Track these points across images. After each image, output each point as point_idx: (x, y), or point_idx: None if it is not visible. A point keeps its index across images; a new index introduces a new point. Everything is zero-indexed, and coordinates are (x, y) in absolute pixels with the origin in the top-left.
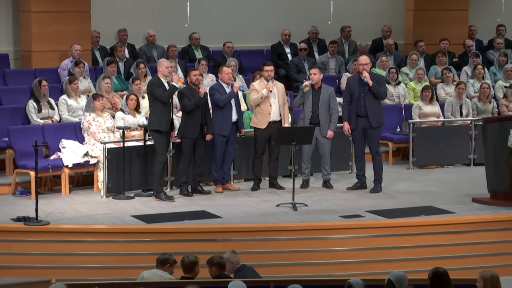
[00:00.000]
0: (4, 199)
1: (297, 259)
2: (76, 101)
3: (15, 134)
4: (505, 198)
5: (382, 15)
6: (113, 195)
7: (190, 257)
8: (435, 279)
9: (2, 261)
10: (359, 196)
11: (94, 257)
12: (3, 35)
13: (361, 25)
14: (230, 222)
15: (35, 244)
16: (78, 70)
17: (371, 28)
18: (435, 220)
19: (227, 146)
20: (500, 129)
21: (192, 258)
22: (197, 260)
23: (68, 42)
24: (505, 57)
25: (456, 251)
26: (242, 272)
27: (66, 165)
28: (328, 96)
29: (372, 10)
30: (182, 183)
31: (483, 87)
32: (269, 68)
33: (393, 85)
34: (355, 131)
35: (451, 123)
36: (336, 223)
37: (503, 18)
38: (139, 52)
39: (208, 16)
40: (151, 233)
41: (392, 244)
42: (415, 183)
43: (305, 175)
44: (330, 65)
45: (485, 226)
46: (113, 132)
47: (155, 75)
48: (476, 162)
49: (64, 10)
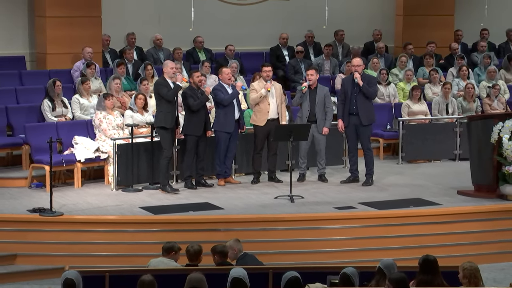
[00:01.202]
0: (21, 192)
1: (294, 247)
2: (88, 100)
3: (31, 131)
4: (488, 191)
5: (373, 20)
6: (122, 188)
7: (195, 246)
8: (425, 265)
9: (19, 250)
10: (352, 189)
11: (104, 245)
12: (19, 38)
13: (354, 29)
14: (231, 213)
15: (49, 233)
16: (90, 71)
17: (363, 32)
18: (423, 211)
19: (229, 142)
20: (483, 127)
21: (196, 247)
22: (201, 249)
23: (80, 45)
24: (488, 59)
25: (442, 240)
26: (243, 260)
27: (79, 160)
28: (324, 95)
29: (364, 15)
30: (186, 176)
31: (467, 87)
32: (268, 69)
33: (384, 85)
34: (348, 128)
35: (437, 121)
36: (331, 214)
37: (486, 23)
38: (147, 54)
39: (211, 21)
40: (158, 223)
41: (383, 234)
42: (404, 176)
43: (301, 169)
44: (325, 66)
45: (469, 217)
46: (123, 129)
47: (161, 76)
48: (461, 157)
49: (76, 15)
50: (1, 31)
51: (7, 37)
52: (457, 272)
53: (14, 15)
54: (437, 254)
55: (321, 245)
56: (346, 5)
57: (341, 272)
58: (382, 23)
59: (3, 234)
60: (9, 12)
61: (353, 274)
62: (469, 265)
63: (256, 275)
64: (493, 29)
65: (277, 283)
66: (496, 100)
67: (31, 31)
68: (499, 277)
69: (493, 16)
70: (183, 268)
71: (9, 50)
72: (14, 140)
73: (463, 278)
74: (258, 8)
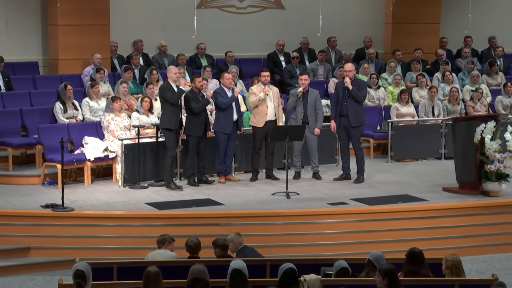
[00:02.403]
0: (34, 189)
1: (290, 241)
2: (97, 103)
3: (44, 131)
4: (471, 188)
5: (364, 28)
6: (129, 185)
7: (194, 240)
8: (412, 257)
9: (32, 243)
10: (344, 186)
11: (112, 239)
12: (33, 45)
13: (346, 37)
14: (231, 208)
15: (61, 228)
16: (99, 76)
17: (354, 39)
18: (410, 207)
19: (228, 142)
20: (467, 128)
21: (195, 240)
22: (199, 241)
23: (90, 52)
24: (471, 65)
25: (428, 234)
26: (243, 253)
27: (88, 159)
28: (315, 98)
29: (356, 23)
30: (189, 174)
31: (452, 91)
32: (266, 74)
33: (374, 89)
34: (339, 129)
35: (424, 122)
36: (324, 209)
37: (469, 30)
38: (152, 60)
39: (212, 29)
40: (162, 218)
41: (373, 228)
42: (393, 174)
43: (296, 167)
44: (319, 71)
45: (454, 212)
46: (129, 130)
47: (165, 80)
48: (447, 156)
49: (86, 23)
50: (16, 38)
51: (21, 44)
52: (441, 264)
53: (28, 24)
54: (423, 247)
55: (315, 238)
56: (339, 14)
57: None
58: (373, 30)
59: (17, 228)
60: (24, 21)
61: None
62: (451, 257)
63: (255, 267)
64: (476, 36)
65: (274, 274)
66: (479, 103)
67: (44, 38)
68: (482, 268)
69: (476, 24)
70: (186, 260)
71: (24, 56)
72: (28, 140)
73: (445, 269)
74: (256, 17)
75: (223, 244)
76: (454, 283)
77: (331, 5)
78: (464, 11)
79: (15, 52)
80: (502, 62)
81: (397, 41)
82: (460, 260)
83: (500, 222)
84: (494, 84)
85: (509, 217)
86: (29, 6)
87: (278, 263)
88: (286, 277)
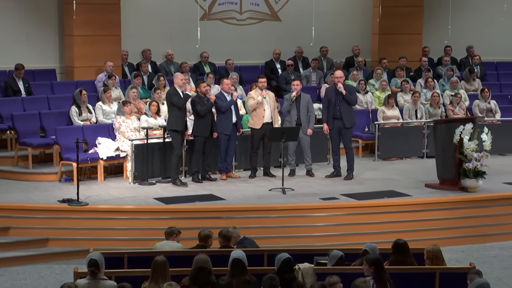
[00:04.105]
0: (52, 185)
1: (286, 232)
2: (109, 107)
3: (61, 133)
4: (451, 184)
5: (353, 38)
6: (138, 182)
7: (205, 231)
8: (397, 247)
9: (50, 234)
10: (335, 182)
11: (123, 231)
12: (51, 54)
13: (337, 46)
14: (232, 203)
15: (76, 220)
16: (111, 82)
17: (344, 49)
18: (395, 202)
19: (229, 142)
20: (447, 129)
21: (206, 232)
22: (210, 234)
23: (102, 60)
24: (451, 72)
25: (412, 226)
26: (242, 244)
27: (101, 158)
28: (307, 102)
29: (345, 34)
30: (194, 172)
31: (433, 95)
32: (263, 80)
33: (362, 93)
34: (332, 130)
35: (408, 124)
36: (317, 204)
37: (449, 40)
38: (160, 67)
39: (215, 39)
40: (169, 212)
41: (361, 221)
42: (380, 172)
43: (291, 165)
44: (312, 77)
45: (435, 206)
46: (139, 131)
47: (172, 86)
48: (428, 155)
49: (99, 34)
50: (36, 48)
51: (40, 53)
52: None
53: (46, 34)
54: (407, 238)
55: (308, 230)
56: (330, 25)
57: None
58: (361, 40)
59: (36, 221)
60: (42, 32)
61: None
62: (431, 248)
63: (254, 256)
64: (455, 46)
65: (271, 263)
66: (458, 107)
67: (61, 48)
68: (461, 257)
69: (455, 35)
70: (190, 250)
71: (42, 64)
72: (46, 140)
73: (426, 259)
74: (254, 28)
75: (226, 235)
76: (436, 271)
77: (323, 17)
78: (444, 23)
79: (34, 60)
80: (479, 69)
81: (383, 50)
82: (440, 251)
83: (477, 215)
84: (471, 90)
85: (486, 210)
86: (47, 18)
87: (274, 253)
88: (282, 265)
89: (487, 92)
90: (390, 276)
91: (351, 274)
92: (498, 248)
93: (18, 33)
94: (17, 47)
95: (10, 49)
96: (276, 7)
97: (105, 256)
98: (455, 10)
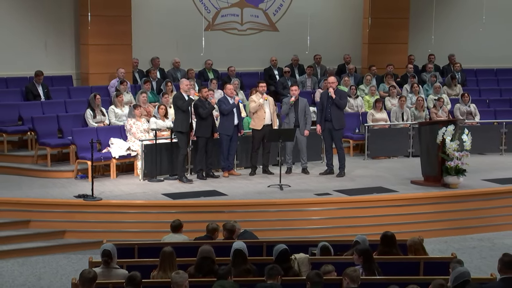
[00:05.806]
0: (69, 182)
1: (283, 225)
2: (121, 110)
3: (77, 134)
4: (434, 181)
5: (345, 47)
6: (148, 179)
7: (213, 225)
8: (385, 239)
9: (67, 227)
10: (328, 179)
11: (134, 224)
12: (68, 61)
13: (330, 54)
14: (234, 198)
15: (91, 214)
16: (123, 87)
17: (337, 57)
18: (383, 197)
19: (230, 142)
20: (431, 130)
21: (214, 225)
22: (217, 227)
23: (115, 67)
24: (434, 78)
25: (398, 220)
26: (243, 236)
27: (114, 157)
28: (304, 105)
29: (338, 43)
30: (198, 170)
31: (418, 100)
32: (263, 85)
33: (353, 98)
34: (324, 131)
35: (395, 126)
36: (312, 199)
37: (433, 49)
38: (167, 74)
39: (218, 47)
40: (176, 206)
41: (353, 214)
42: (369, 169)
43: (288, 164)
44: (307, 83)
45: (420, 201)
46: (148, 133)
47: (178, 91)
48: (414, 154)
49: (112, 43)
50: (54, 56)
51: (58, 60)
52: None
53: (63, 43)
54: (394, 230)
55: (304, 223)
56: (324, 35)
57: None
58: (352, 49)
59: (54, 215)
60: (60, 41)
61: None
62: (412, 242)
63: (253, 247)
64: (438, 54)
65: (269, 253)
66: (440, 110)
67: (77, 56)
68: (443, 248)
69: (438, 44)
70: (195, 241)
71: (60, 71)
72: (64, 141)
73: (409, 252)
74: (254, 37)
75: (230, 229)
76: (420, 261)
77: (317, 28)
78: (428, 33)
79: (53, 67)
80: (460, 76)
81: (372, 58)
82: (420, 243)
83: (458, 209)
84: (453, 94)
85: (466, 205)
86: (64, 29)
87: (273, 244)
88: (280, 256)
89: (467, 97)
90: (378, 265)
91: (342, 263)
92: (477, 240)
93: (38, 42)
94: (37, 55)
95: (31, 57)
96: (274, 18)
97: (117, 247)
98: (438, 21)
